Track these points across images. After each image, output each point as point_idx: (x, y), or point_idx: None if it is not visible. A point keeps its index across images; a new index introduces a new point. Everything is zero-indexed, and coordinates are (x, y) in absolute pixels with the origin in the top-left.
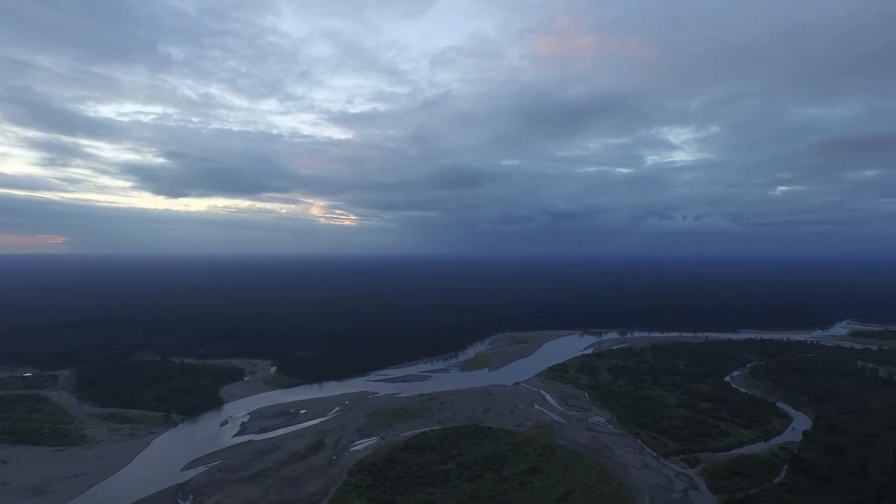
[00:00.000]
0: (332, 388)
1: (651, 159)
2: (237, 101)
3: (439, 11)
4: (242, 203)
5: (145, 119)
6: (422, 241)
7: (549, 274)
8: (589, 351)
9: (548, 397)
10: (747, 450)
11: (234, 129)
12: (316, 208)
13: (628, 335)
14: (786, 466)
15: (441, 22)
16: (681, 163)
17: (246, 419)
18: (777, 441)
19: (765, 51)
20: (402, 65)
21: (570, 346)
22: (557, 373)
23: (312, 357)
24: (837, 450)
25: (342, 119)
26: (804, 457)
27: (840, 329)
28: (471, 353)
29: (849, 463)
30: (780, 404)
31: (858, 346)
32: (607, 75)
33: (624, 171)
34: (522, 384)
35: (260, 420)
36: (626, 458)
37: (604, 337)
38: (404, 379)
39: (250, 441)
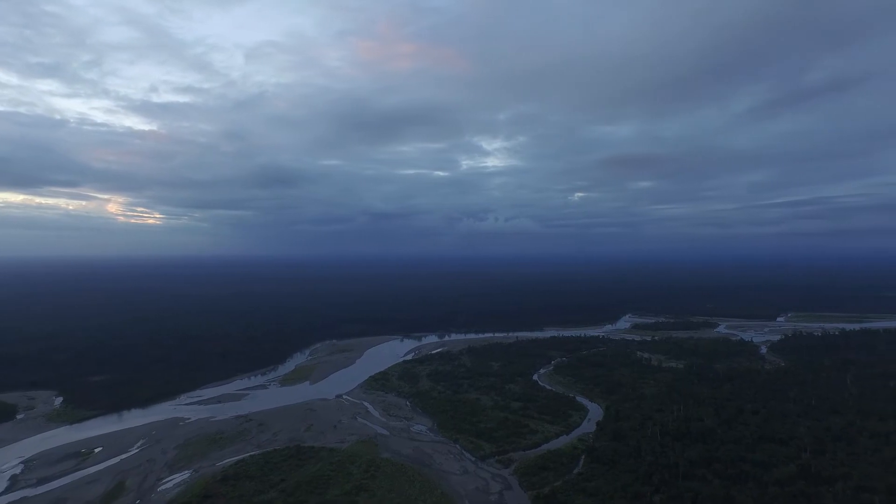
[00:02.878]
0: (135, 418)
1: (466, 164)
2: (3, 76)
3: (256, 3)
4: (15, 197)
5: None
6: (237, 241)
7: (369, 275)
8: (410, 357)
9: (371, 408)
10: (553, 444)
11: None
12: (113, 205)
13: (446, 338)
14: (583, 457)
15: (258, 15)
16: (493, 168)
17: (18, 470)
18: (577, 433)
19: (562, 75)
20: (213, 55)
21: (392, 352)
22: (380, 382)
23: (110, 382)
24: (621, 435)
25: (145, 108)
26: (597, 445)
27: (624, 323)
28: (291, 365)
29: (629, 446)
30: (579, 398)
31: (638, 339)
32: (424, 84)
33: (441, 174)
34: (345, 396)
35: (39, 468)
36: (447, 466)
37: (423, 341)
38: (219, 400)
39: (23, 499)
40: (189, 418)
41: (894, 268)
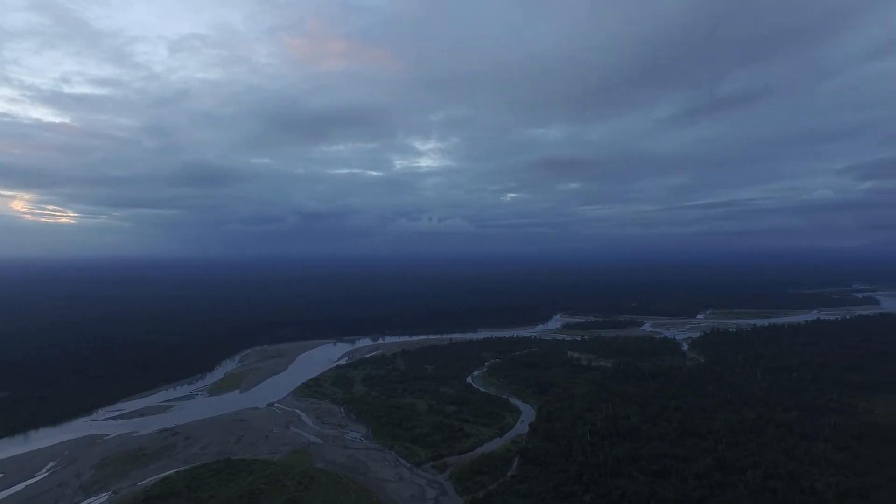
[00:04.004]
0: (44, 438)
1: (399, 164)
2: None
3: None
4: None
5: None
6: (162, 241)
7: (301, 276)
8: (343, 361)
9: (304, 416)
10: (487, 447)
11: None
12: (19, 202)
13: (381, 340)
14: (517, 458)
15: (183, 5)
16: (426, 168)
17: None
18: (510, 435)
19: (494, 78)
20: (135, 46)
21: (325, 356)
22: (313, 388)
23: (13, 399)
24: (553, 436)
25: (55, 99)
26: (529, 447)
27: (555, 322)
28: (220, 373)
29: (560, 446)
30: (512, 400)
31: (568, 338)
32: (357, 84)
33: (374, 173)
34: (277, 405)
35: None
36: (382, 473)
37: (357, 344)
38: (142, 413)
39: None
40: (107, 435)
41: (797, 266)
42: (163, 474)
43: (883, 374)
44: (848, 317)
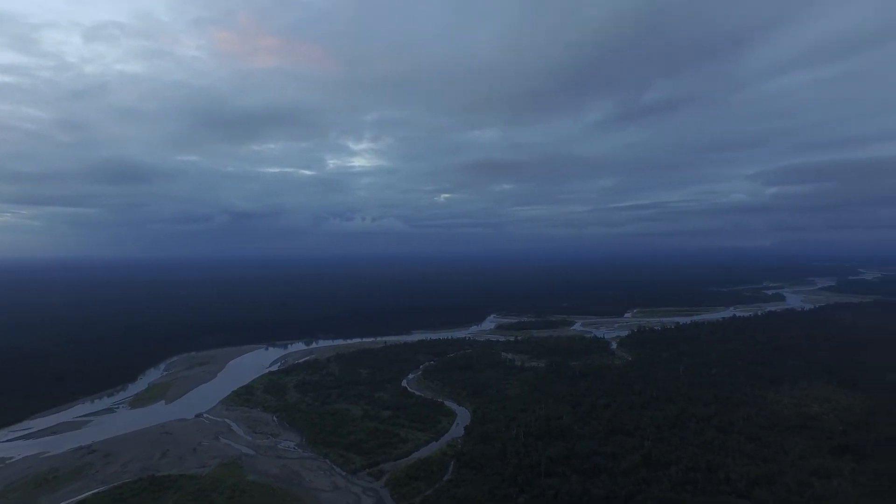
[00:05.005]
0: None
1: (333, 163)
2: None
3: None
4: None
5: None
6: (80, 241)
7: (231, 277)
8: (276, 367)
9: (235, 426)
10: (423, 452)
11: None
12: None
13: (314, 345)
14: (452, 462)
15: None
16: (360, 168)
17: None
18: (446, 439)
19: (428, 80)
20: (44, 32)
21: (257, 362)
22: (243, 396)
23: None
24: (488, 438)
25: None
26: (465, 450)
27: (489, 323)
28: (143, 383)
29: (495, 449)
30: (447, 402)
31: (502, 339)
32: (289, 83)
33: (307, 172)
34: (206, 415)
35: None
36: (317, 483)
37: (290, 349)
38: (53, 431)
39: None
40: (12, 457)
41: (716, 265)
42: (78, 497)
43: (787, 366)
44: (759, 313)
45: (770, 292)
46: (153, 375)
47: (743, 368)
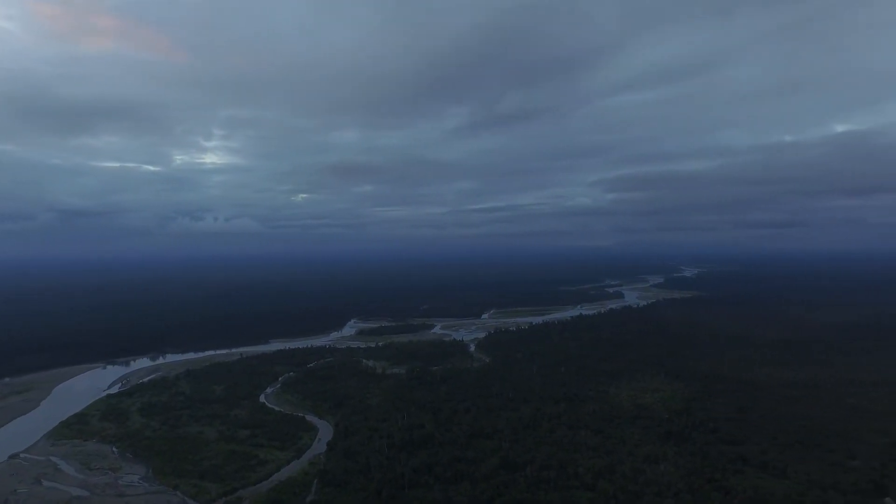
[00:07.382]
0: None
1: (180, 159)
2: None
3: None
4: None
5: None
6: None
7: (61, 284)
8: (116, 388)
9: (63, 465)
10: (284, 473)
11: None
12: None
13: (161, 360)
14: (315, 481)
15: None
16: (212, 165)
17: None
18: (308, 456)
19: (286, 79)
20: None
21: (93, 385)
22: (75, 427)
23: None
24: (351, 453)
25: None
26: (328, 467)
27: (350, 329)
28: None
29: (359, 463)
30: (309, 417)
31: (363, 346)
32: (128, 72)
33: (151, 168)
34: (23, 455)
35: None
36: None
37: (133, 367)
38: None
39: None
40: None
41: (564, 265)
42: None
43: (625, 361)
44: (602, 311)
45: (611, 290)
46: None
47: (589, 366)
